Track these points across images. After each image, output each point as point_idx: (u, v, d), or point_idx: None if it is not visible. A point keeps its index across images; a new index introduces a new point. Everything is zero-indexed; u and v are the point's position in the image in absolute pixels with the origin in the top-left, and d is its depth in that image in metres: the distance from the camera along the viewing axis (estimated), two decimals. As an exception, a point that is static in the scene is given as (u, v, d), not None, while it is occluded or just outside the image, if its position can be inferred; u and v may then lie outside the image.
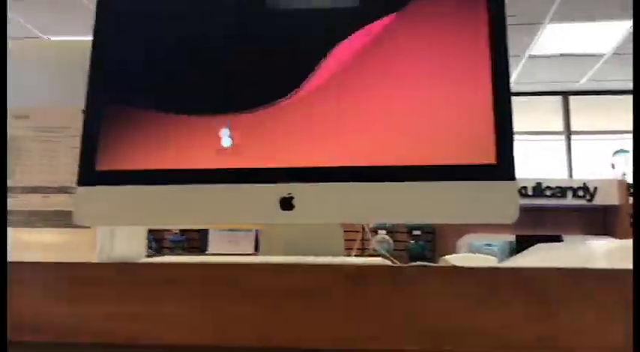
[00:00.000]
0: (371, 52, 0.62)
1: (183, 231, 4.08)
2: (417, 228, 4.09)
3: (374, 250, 3.35)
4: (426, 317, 0.36)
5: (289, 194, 0.60)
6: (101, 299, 0.44)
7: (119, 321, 0.43)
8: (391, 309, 0.38)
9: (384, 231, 3.88)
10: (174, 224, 0.64)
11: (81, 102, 0.76)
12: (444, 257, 0.74)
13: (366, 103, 0.61)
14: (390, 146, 0.60)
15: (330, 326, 0.39)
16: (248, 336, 0.41)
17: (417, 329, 0.36)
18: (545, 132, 6.02)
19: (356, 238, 1.38)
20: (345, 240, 0.70)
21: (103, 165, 0.64)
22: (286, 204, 0.60)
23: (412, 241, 4.14)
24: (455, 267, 0.37)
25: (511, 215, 0.54)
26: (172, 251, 3.98)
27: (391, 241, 3.88)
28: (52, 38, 5.01)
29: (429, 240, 4.20)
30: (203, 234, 3.69)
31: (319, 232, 0.70)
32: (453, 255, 0.77)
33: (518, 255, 0.68)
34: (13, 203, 0.72)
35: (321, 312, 0.40)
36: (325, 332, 0.40)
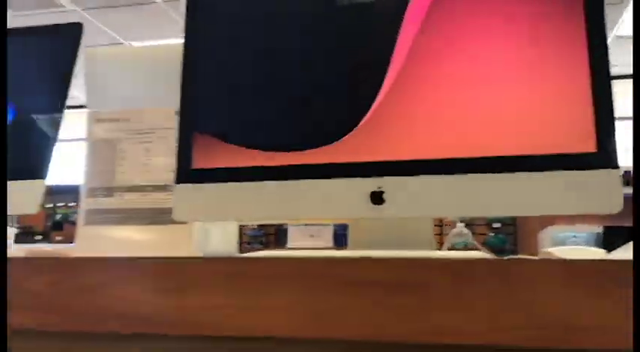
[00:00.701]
0: (463, 41, 0.61)
1: (260, 226, 4.17)
2: (498, 220, 3.98)
3: (452, 244, 3.29)
4: (546, 311, 0.35)
5: (379, 188, 0.60)
6: (208, 293, 0.45)
7: (226, 314, 0.44)
8: (502, 304, 0.37)
9: (462, 224, 3.80)
10: (267, 219, 0.65)
11: (174, 104, 0.80)
12: (545, 250, 0.72)
13: (459, 94, 0.60)
14: (484, 137, 0.59)
15: (435, 319, 0.39)
16: (351, 329, 0.42)
17: (537, 324, 0.35)
18: (628, 117, 5.70)
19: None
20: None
21: (199, 163, 0.66)
22: (377, 198, 0.60)
23: (492, 234, 4.03)
24: (566, 260, 0.36)
25: (616, 205, 0.52)
26: (251, 245, 4.08)
27: (470, 234, 3.79)
28: (133, 43, 5.23)
29: (509, 233, 4.08)
30: (281, 228, 3.75)
31: (410, 226, 0.70)
32: (556, 248, 0.75)
33: (624, 246, 0.65)
34: (114, 202, 0.76)
35: (426, 306, 0.40)
36: (430, 325, 0.39)
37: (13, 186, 0.71)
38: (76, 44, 0.78)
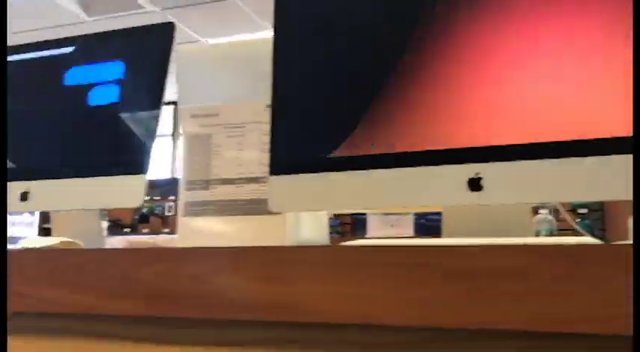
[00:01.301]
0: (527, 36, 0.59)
1: (337, 216, 4.19)
2: (584, 205, 3.82)
3: (537, 231, 3.18)
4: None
5: (477, 174, 0.59)
6: (310, 281, 0.46)
7: (329, 301, 0.45)
8: (620, 291, 0.36)
9: (545, 210, 3.67)
10: (362, 208, 0.66)
11: (263, 97, 0.81)
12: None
13: (549, 77, 0.58)
14: (577, 120, 0.57)
15: (547, 307, 0.38)
16: (455, 318, 0.41)
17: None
18: None
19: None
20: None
21: (292, 154, 0.67)
22: (475, 184, 0.59)
23: (578, 219, 3.87)
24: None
25: None
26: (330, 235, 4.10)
27: (554, 221, 3.66)
28: (209, 40, 5.37)
29: (596, 218, 3.90)
30: (358, 218, 3.75)
31: (507, 212, 0.68)
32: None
33: None
34: (210, 194, 0.79)
35: (538, 293, 0.39)
36: (543, 313, 0.38)
37: (116, 181, 0.75)
38: (169, 43, 0.81)
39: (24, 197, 0.78)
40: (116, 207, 0.72)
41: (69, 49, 0.86)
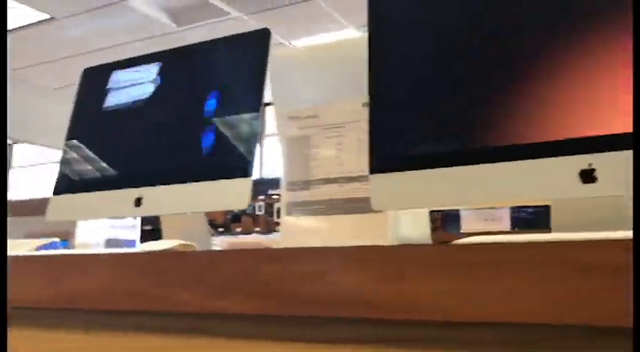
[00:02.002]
0: None
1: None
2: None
3: None
4: None
5: (590, 165, 0.57)
6: (427, 278, 0.46)
7: (445, 299, 0.45)
8: None
9: None
10: (468, 203, 0.65)
11: (358, 97, 0.82)
12: None
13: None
14: None
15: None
16: (587, 314, 0.40)
17: None
18: None
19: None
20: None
21: (392, 152, 0.67)
22: (587, 176, 0.57)
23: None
24: None
25: None
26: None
27: None
28: (294, 42, 5.45)
29: None
30: (448, 213, 3.67)
31: (618, 205, 0.65)
32: None
33: None
34: (311, 194, 0.80)
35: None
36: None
37: (223, 185, 0.78)
38: (266, 48, 0.84)
39: (138, 202, 0.83)
40: (223, 209, 0.74)
41: (171, 60, 0.91)
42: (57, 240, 0.90)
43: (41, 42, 5.80)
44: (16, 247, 0.93)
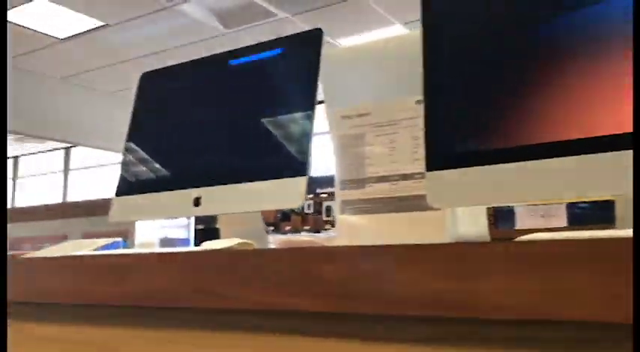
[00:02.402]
0: None
1: (477, 209, 4.05)
2: None
3: None
4: None
5: (657, 159, 0.55)
6: (492, 276, 0.45)
7: (511, 297, 0.44)
8: None
9: None
10: (525, 200, 0.64)
11: (411, 94, 0.82)
12: None
13: None
14: None
15: None
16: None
17: None
18: None
19: None
20: None
21: (448, 148, 0.67)
22: (654, 170, 0.55)
23: None
24: None
25: None
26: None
27: None
28: (340, 40, 5.46)
29: None
30: (500, 209, 3.60)
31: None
32: None
33: None
34: (366, 192, 0.80)
35: None
36: None
37: (278, 184, 0.79)
38: (319, 47, 0.84)
39: (197, 202, 0.85)
40: (279, 208, 0.76)
41: (226, 62, 0.93)
42: (119, 239, 0.93)
43: (95, 48, 5.99)
44: (80, 247, 0.97)
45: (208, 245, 0.74)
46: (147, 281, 0.58)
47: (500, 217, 3.74)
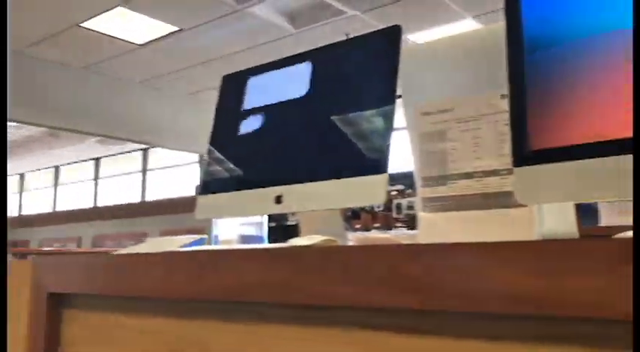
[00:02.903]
0: None
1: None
2: None
3: None
4: None
5: None
6: (585, 274, 0.44)
7: (606, 296, 0.43)
8: None
9: None
10: (619, 196, 0.61)
11: (494, 88, 0.80)
12: None
13: None
14: None
15: None
16: None
17: None
18: None
19: None
20: None
21: (536, 144, 0.65)
22: None
23: None
24: None
25: None
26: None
27: None
28: (409, 36, 5.40)
29: None
30: (582, 206, 3.47)
31: None
32: None
33: None
34: (448, 189, 0.79)
35: None
36: None
37: (359, 181, 0.79)
38: (397, 44, 0.84)
39: (278, 200, 0.86)
40: (360, 205, 0.76)
41: (305, 62, 0.94)
42: (205, 236, 0.96)
43: (171, 52, 6.21)
44: (165, 244, 1.01)
45: (295, 242, 0.75)
46: (237, 276, 0.60)
47: (583, 213, 3.59)
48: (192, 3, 5.02)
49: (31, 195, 12.73)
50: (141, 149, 10.02)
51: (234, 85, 1.03)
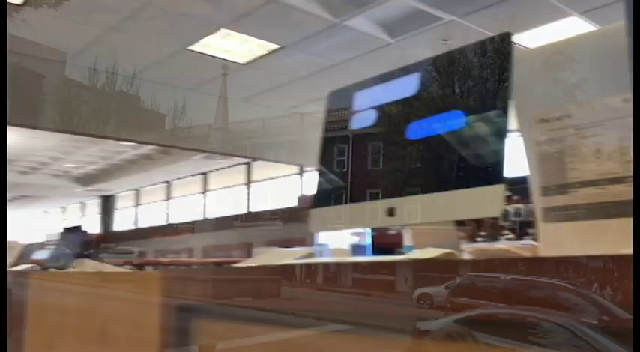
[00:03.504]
0: None
1: None
2: None
3: None
4: None
5: None
6: None
7: None
8: None
9: None
10: None
11: (615, 92, 0.76)
12: None
13: None
14: None
15: None
16: None
17: None
18: None
19: None
20: None
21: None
22: None
23: None
24: None
25: None
26: None
27: None
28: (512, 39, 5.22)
29: None
30: None
31: None
32: None
33: None
34: (570, 198, 0.76)
35: None
36: None
37: (473, 192, 0.78)
38: (509, 51, 0.82)
39: (391, 212, 0.87)
40: (476, 217, 0.75)
41: (413, 75, 0.94)
42: (319, 248, 0.99)
43: (273, 69, 6.41)
44: (281, 256, 1.05)
45: (414, 254, 0.76)
46: (363, 287, 0.61)
47: None
48: (292, 20, 5.16)
49: (146, 209, 13.57)
50: (244, 163, 10.39)
51: (340, 100, 1.05)
